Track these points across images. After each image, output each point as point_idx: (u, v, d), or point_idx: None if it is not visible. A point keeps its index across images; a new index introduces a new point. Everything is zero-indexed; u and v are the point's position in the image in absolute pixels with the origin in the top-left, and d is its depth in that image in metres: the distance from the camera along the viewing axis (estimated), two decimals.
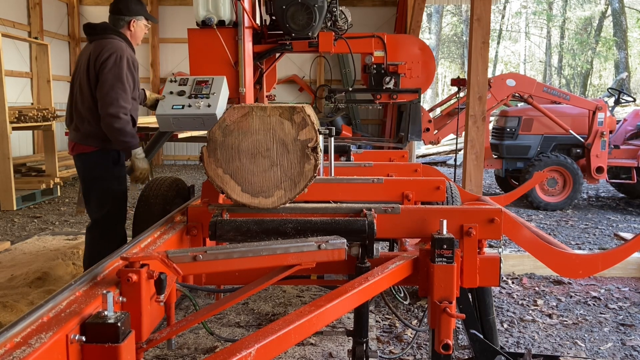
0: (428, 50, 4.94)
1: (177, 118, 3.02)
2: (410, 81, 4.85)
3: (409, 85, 4.85)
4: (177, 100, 3.05)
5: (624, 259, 2.83)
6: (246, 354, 1.31)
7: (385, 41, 4.63)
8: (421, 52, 4.87)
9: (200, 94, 3.05)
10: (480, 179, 4.97)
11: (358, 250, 1.87)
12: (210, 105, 3.00)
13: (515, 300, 3.98)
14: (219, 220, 1.88)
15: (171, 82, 3.17)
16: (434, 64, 4.94)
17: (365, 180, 2.75)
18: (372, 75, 4.72)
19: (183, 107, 3.00)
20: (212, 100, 3.02)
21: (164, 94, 3.12)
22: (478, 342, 2.29)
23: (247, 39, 3.56)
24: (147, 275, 1.35)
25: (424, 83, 4.90)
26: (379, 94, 4.78)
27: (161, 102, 3.09)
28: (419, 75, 4.86)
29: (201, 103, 2.99)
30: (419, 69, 4.85)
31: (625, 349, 3.20)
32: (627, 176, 7.47)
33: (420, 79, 4.87)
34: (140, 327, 1.35)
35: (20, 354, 1.01)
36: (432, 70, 4.90)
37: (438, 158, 12.95)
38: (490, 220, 1.94)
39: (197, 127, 3.09)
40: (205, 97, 3.02)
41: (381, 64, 4.66)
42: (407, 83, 4.83)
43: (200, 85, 3.12)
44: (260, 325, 3.40)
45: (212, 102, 3.01)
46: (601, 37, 25.41)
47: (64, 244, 5.17)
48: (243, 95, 3.47)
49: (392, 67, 4.69)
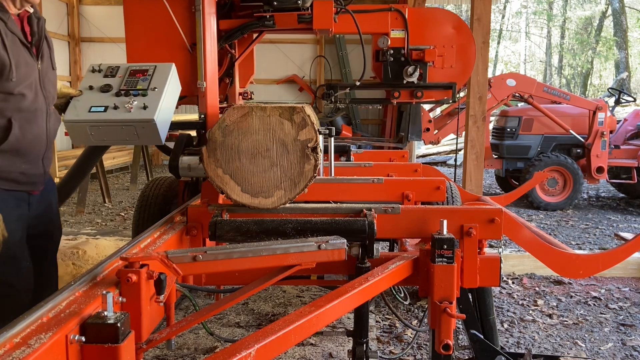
0: (466, 29, 3.65)
1: (96, 126, 2.06)
2: (441, 72, 3.61)
3: (439, 78, 3.61)
4: (99, 99, 2.09)
5: (624, 259, 2.83)
6: (246, 354, 1.31)
7: (406, 16, 3.47)
8: (456, 32, 3.60)
9: (134, 90, 2.11)
10: (481, 179, 4.97)
11: (358, 251, 1.87)
12: (148, 106, 2.05)
13: (515, 300, 3.98)
14: (219, 221, 1.88)
15: (93, 72, 2.22)
16: (474, 48, 3.67)
17: (365, 180, 2.75)
18: (389, 65, 3.52)
19: (106, 110, 2.05)
20: (151, 98, 2.09)
21: (80, 89, 2.16)
22: (478, 342, 2.29)
23: (209, 10, 2.56)
24: (146, 275, 1.35)
25: (461, 75, 3.65)
26: (397, 91, 3.59)
27: (74, 102, 2.10)
28: (453, 64, 3.60)
29: (134, 103, 2.05)
30: (453, 56, 3.58)
31: (626, 349, 3.20)
32: (627, 176, 7.48)
33: (455, 69, 3.60)
34: (140, 327, 1.35)
35: (20, 354, 1.01)
36: (472, 57, 3.66)
37: (438, 158, 12.95)
38: (490, 220, 1.94)
39: (129, 140, 2.12)
40: (140, 95, 2.10)
41: (401, 48, 3.50)
42: (437, 75, 3.61)
43: (136, 76, 2.19)
44: (260, 325, 3.40)
45: (150, 102, 2.07)
46: (601, 37, 25.42)
47: (64, 244, 5.17)
48: (203, 92, 2.51)
49: (416, 52, 3.49)
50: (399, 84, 3.56)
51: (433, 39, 3.56)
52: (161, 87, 2.14)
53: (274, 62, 12.04)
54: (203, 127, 2.52)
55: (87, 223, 6.44)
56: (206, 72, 2.53)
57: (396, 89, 3.60)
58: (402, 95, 3.62)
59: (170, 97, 2.21)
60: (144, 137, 2.10)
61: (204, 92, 2.53)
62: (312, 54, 11.94)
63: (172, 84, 2.23)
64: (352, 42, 11.60)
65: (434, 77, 3.60)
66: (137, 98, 2.09)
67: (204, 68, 2.53)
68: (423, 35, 3.55)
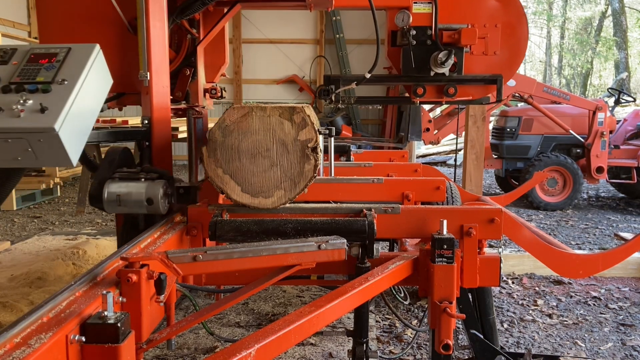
0: (515, 2, 2.80)
1: None
2: (481, 61, 2.78)
3: (479, 68, 2.78)
4: None
5: (624, 259, 2.83)
6: (246, 354, 1.31)
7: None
8: (502, 5, 2.76)
9: (30, 83, 1.47)
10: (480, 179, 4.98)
11: (358, 251, 1.87)
12: (48, 108, 1.41)
13: (515, 300, 3.98)
14: (219, 221, 1.88)
15: None
16: (526, 28, 2.81)
17: (365, 180, 2.75)
18: (411, 50, 2.69)
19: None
20: (55, 96, 1.45)
21: None
22: (478, 342, 2.29)
23: None
24: (147, 275, 1.35)
25: (507, 64, 2.83)
26: (421, 86, 2.73)
27: None
28: (498, 50, 2.77)
29: (27, 103, 1.42)
30: (497, 38, 2.74)
31: (626, 349, 3.20)
32: (627, 176, 7.48)
33: (500, 57, 2.80)
34: (140, 327, 1.35)
35: (20, 354, 1.01)
36: (522, 40, 2.81)
37: (438, 158, 12.95)
38: (490, 220, 1.94)
39: (22, 161, 1.45)
40: (40, 91, 1.45)
41: (426, 28, 2.66)
42: (476, 65, 2.78)
43: (38, 63, 1.53)
44: (260, 325, 3.40)
45: (52, 102, 1.43)
46: (601, 37, 25.42)
47: (64, 244, 5.17)
48: (147, 88, 1.89)
49: (447, 34, 2.67)
50: (424, 76, 2.71)
51: (470, 15, 2.71)
52: (74, 80, 1.48)
53: (274, 62, 12.05)
54: (146, 138, 1.94)
55: (87, 223, 6.44)
56: (151, 58, 1.86)
57: (420, 84, 2.71)
58: (428, 92, 2.76)
59: (89, 95, 1.53)
60: (43, 155, 1.43)
61: (147, 88, 1.90)
62: (312, 54, 11.94)
63: (93, 74, 1.54)
64: (353, 42, 11.61)
65: (471, 68, 2.77)
66: (34, 95, 1.43)
67: (147, 53, 1.84)
68: (457, 10, 2.72)
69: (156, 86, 1.96)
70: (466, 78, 2.78)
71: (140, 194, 1.82)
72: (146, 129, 1.97)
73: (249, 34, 11.97)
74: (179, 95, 2.66)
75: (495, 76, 2.81)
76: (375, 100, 4.82)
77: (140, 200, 1.74)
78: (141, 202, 1.76)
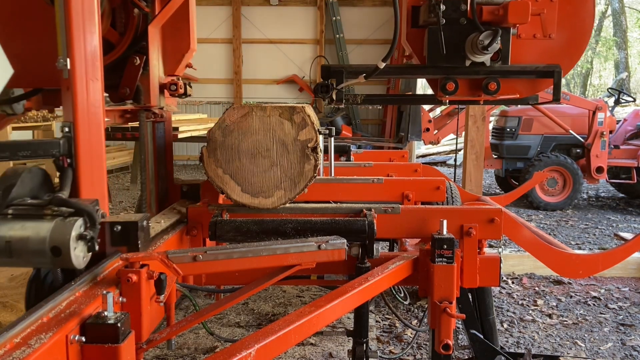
0: None
1: None
2: (533, 47, 2.19)
3: (529, 56, 2.20)
4: None
5: (624, 259, 2.83)
6: (246, 354, 1.31)
7: None
8: None
9: None
10: (480, 179, 4.98)
11: (358, 251, 1.87)
12: None
13: (515, 300, 3.98)
14: (219, 221, 1.88)
15: None
16: (592, 3, 2.20)
17: (365, 180, 2.75)
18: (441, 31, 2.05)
19: None
20: None
21: None
22: (478, 342, 2.29)
23: None
24: (147, 275, 1.35)
25: (568, 50, 2.22)
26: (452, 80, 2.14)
27: None
28: (554, 32, 2.15)
29: None
30: (553, 17, 2.13)
31: (625, 349, 3.20)
32: (627, 176, 7.48)
33: (557, 40, 2.18)
34: (140, 327, 1.35)
35: (20, 354, 1.01)
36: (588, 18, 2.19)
37: (438, 158, 12.95)
38: (490, 220, 1.94)
39: None
40: None
41: (460, 1, 2.07)
42: (526, 51, 2.19)
43: None
44: (260, 325, 3.40)
45: None
46: (601, 37, 25.41)
47: None
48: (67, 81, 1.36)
49: (488, 10, 2.06)
50: (457, 67, 2.12)
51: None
52: None
53: (274, 62, 12.06)
54: (67, 153, 1.38)
55: None
56: (72, 37, 1.34)
57: (450, 77, 2.12)
58: (461, 88, 2.16)
59: None
60: None
61: (68, 81, 1.36)
62: (312, 54, 11.95)
63: None
64: (353, 42, 11.61)
65: (519, 56, 2.18)
66: None
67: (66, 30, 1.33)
68: None
69: (82, 78, 1.38)
70: (514, 69, 2.15)
71: (40, 241, 1.20)
72: (65, 140, 1.36)
73: (249, 34, 11.97)
74: (126, 92, 2.04)
75: (552, 67, 2.16)
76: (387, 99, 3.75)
77: (42, 250, 1.18)
78: (43, 252, 1.19)
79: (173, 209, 2.20)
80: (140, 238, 1.48)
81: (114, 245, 1.47)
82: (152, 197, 2.28)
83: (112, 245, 1.47)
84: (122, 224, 1.46)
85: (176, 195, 2.43)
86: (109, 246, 1.47)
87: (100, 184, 1.55)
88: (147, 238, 1.57)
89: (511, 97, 2.23)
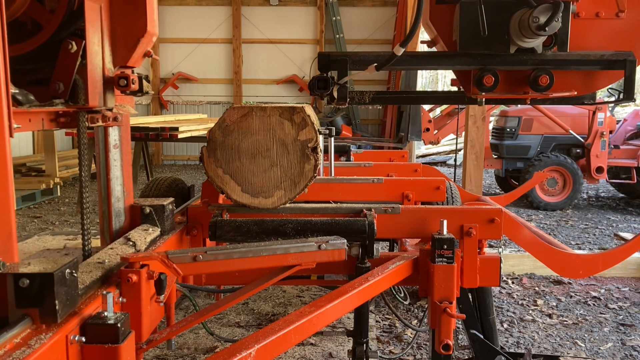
0: None
1: None
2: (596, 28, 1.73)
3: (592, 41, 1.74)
4: None
5: (624, 259, 2.83)
6: (246, 355, 1.31)
7: None
8: None
9: None
10: (480, 179, 4.98)
11: (358, 251, 1.87)
12: None
13: (515, 300, 3.98)
14: (219, 221, 1.88)
15: None
16: None
17: (365, 180, 2.75)
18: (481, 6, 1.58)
19: None
20: None
21: None
22: (478, 342, 2.29)
23: None
24: (147, 275, 1.35)
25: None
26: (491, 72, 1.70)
27: None
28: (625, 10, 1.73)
29: None
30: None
31: (625, 349, 3.20)
32: (627, 176, 7.48)
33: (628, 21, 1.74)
34: (140, 327, 1.35)
35: (20, 354, 1.01)
36: None
37: (438, 158, 12.96)
38: (490, 220, 1.94)
39: None
40: None
41: None
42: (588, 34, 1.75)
43: None
44: (260, 325, 3.40)
45: None
46: None
47: (64, 244, 5.17)
48: None
49: None
50: (497, 54, 1.67)
51: None
52: None
53: (274, 62, 12.07)
54: None
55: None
56: None
57: (488, 69, 1.66)
58: (501, 84, 1.72)
59: None
60: None
61: None
62: (312, 54, 11.95)
63: None
64: (353, 42, 11.61)
65: (579, 41, 1.72)
66: None
67: None
68: None
69: None
70: (573, 58, 1.67)
71: None
72: None
73: (249, 34, 11.98)
74: (59, 88, 1.53)
75: (624, 54, 1.66)
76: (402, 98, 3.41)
77: None
78: None
79: (127, 239, 1.70)
80: (58, 296, 1.07)
81: (20, 307, 1.07)
82: (104, 222, 1.85)
83: (17, 307, 1.07)
84: (30, 277, 1.05)
85: (136, 219, 1.91)
86: (12, 309, 1.07)
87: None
88: (73, 293, 1.14)
89: (566, 94, 1.79)
